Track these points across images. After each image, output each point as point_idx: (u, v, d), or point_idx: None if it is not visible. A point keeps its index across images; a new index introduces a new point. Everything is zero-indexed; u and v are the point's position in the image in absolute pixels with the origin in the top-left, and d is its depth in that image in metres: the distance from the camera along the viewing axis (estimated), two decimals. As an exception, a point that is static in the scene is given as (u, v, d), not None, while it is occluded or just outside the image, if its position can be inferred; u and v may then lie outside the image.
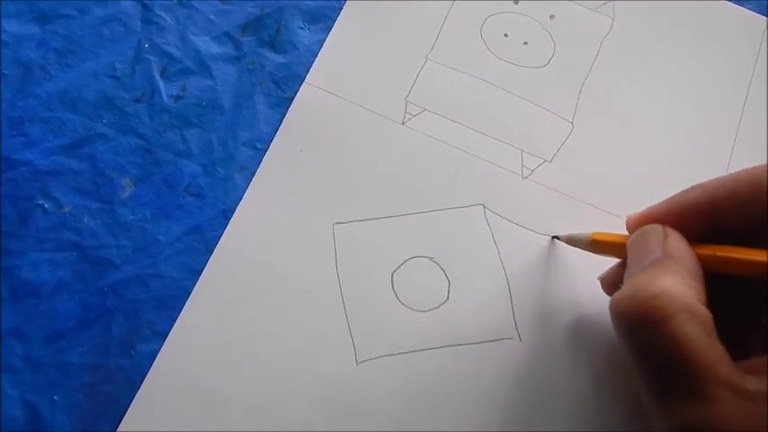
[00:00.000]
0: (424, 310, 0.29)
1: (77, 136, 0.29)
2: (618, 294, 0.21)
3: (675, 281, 0.20)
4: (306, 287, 0.28)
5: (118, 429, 0.26)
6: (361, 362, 0.28)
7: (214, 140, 0.29)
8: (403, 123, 0.31)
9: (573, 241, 0.28)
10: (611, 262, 0.27)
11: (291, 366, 0.27)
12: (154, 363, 0.27)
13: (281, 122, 0.30)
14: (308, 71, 0.31)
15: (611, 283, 0.27)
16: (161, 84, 0.30)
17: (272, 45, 0.31)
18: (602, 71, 0.33)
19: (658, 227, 0.23)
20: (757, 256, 0.21)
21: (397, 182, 0.30)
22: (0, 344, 0.26)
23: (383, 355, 0.28)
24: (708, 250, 0.22)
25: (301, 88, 0.31)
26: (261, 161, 0.29)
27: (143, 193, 0.28)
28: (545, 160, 0.32)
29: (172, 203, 0.29)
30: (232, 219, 0.29)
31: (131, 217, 0.28)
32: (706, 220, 0.23)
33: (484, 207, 0.30)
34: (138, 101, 0.29)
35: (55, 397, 0.26)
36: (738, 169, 0.33)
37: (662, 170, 0.32)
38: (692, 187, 0.24)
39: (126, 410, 0.26)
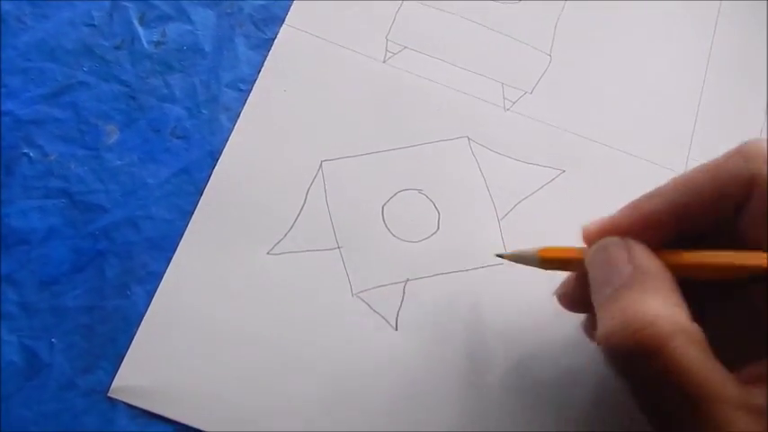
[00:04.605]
0: (415, 240, 0.29)
1: (58, 85, 0.28)
2: (605, 327, 0.19)
3: (661, 302, 0.18)
4: (297, 223, 0.29)
5: (120, 366, 0.26)
6: (357, 293, 0.28)
7: (197, 83, 0.29)
8: (384, 62, 0.32)
9: (519, 259, 0.24)
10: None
11: (288, 300, 0.27)
12: (152, 301, 0.27)
13: (263, 64, 0.30)
14: (287, 12, 0.31)
15: (572, 299, 0.25)
16: (140, 30, 0.30)
17: (250, -13, 0.31)
18: (575, 3, 0.34)
19: (618, 239, 0.21)
20: (730, 259, 0.20)
21: (382, 118, 0.31)
22: (-7, 291, 0.26)
23: (377, 286, 0.28)
24: (674, 257, 0.20)
25: (281, 30, 0.31)
26: (245, 102, 0.30)
27: (129, 139, 0.28)
28: (525, 92, 0.32)
29: (159, 147, 0.28)
30: (220, 159, 0.29)
31: (119, 162, 0.28)
32: (669, 229, 0.21)
33: (468, 139, 0.31)
34: (118, 48, 0.29)
35: (53, 340, 0.26)
36: (708, 106, 0.33)
37: (638, 96, 0.33)
38: (651, 194, 0.21)
39: (125, 349, 0.26)
